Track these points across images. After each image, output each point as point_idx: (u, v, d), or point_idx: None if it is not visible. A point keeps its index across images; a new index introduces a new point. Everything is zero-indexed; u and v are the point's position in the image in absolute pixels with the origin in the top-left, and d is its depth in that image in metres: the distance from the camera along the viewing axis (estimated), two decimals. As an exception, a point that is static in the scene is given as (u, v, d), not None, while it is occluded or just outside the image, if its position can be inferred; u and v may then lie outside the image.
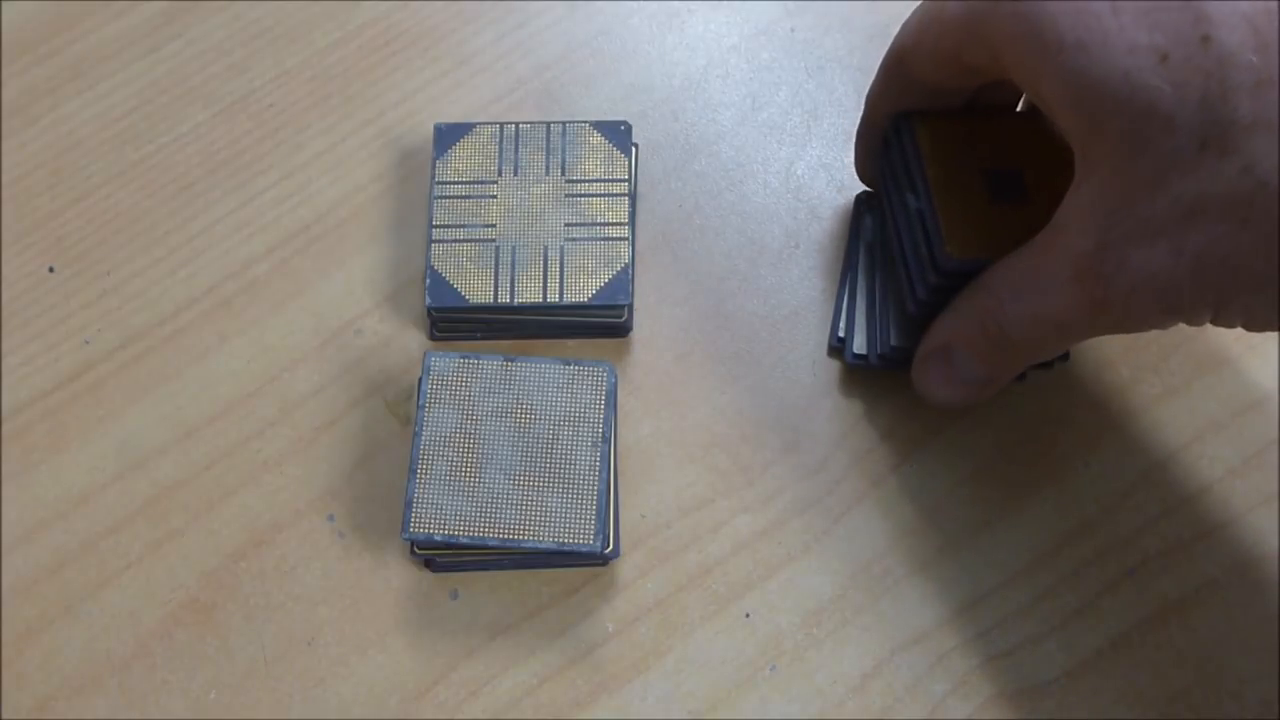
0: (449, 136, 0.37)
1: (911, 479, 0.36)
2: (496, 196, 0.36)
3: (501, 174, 0.37)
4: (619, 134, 0.37)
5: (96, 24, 0.42)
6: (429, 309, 0.35)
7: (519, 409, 0.33)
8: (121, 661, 0.34)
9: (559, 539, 0.32)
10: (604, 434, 0.33)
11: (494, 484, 0.32)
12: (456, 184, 0.36)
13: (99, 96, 0.41)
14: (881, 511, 0.35)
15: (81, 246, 0.39)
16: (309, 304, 0.38)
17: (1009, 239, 0.31)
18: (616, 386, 0.34)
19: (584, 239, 0.36)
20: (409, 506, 0.32)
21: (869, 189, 0.38)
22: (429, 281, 0.35)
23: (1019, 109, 0.35)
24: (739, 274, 0.38)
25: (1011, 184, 0.32)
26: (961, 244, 0.32)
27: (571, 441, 0.32)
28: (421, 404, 0.33)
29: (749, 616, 0.34)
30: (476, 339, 0.37)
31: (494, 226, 0.36)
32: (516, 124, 0.37)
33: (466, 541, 0.32)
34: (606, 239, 0.36)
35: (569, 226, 0.36)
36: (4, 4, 0.42)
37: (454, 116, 0.40)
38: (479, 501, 0.32)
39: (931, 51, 0.31)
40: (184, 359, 0.37)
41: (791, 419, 0.36)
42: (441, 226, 0.36)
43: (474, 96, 0.41)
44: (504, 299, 0.35)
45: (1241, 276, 0.25)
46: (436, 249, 0.36)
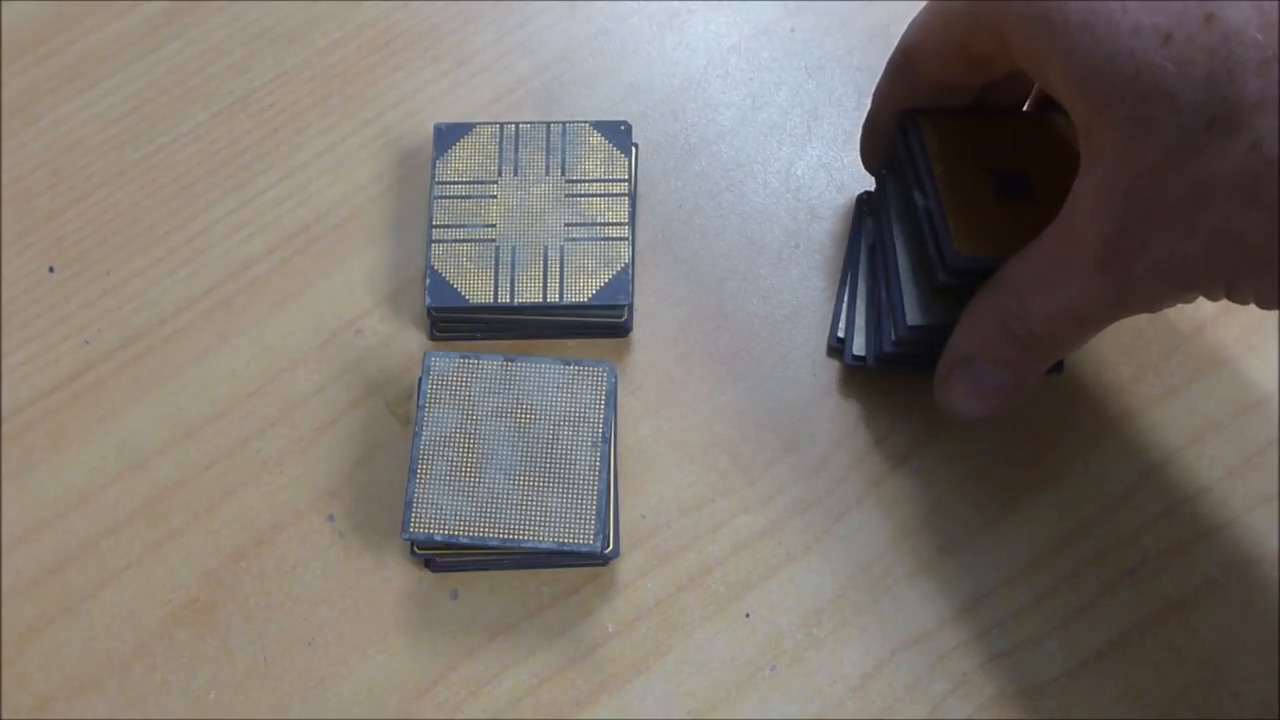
0: (449, 136, 0.37)
1: (911, 479, 0.36)
2: (496, 196, 0.36)
3: (501, 174, 0.37)
4: (619, 134, 0.37)
5: (96, 24, 0.42)
6: (429, 309, 0.35)
7: (519, 409, 0.33)
8: (121, 661, 0.34)
9: (559, 539, 0.32)
10: (604, 434, 0.33)
11: (494, 484, 0.32)
12: (456, 184, 0.36)
13: (99, 96, 0.41)
14: (881, 511, 0.35)
15: (81, 246, 0.39)
16: (309, 304, 0.38)
17: (1017, 238, 0.30)
18: (616, 386, 0.34)
19: (584, 239, 0.36)
20: (409, 506, 0.32)
21: (869, 191, 0.38)
22: (429, 281, 0.35)
23: (1025, 109, 0.35)
24: (739, 274, 0.38)
25: (1018, 184, 0.32)
26: (970, 241, 0.32)
27: (571, 441, 0.32)
28: (421, 404, 0.33)
29: (749, 616, 0.34)
30: (476, 339, 0.37)
31: (494, 226, 0.36)
32: (516, 124, 0.37)
33: (466, 541, 0.32)
34: (606, 239, 0.36)
35: (569, 226, 0.36)
36: (4, 4, 0.42)
37: (454, 116, 0.40)
38: (479, 501, 0.32)
39: (939, 45, 0.31)
40: (184, 359, 0.37)
41: (791, 419, 0.36)
42: (441, 226, 0.36)
43: (474, 96, 0.41)
44: (504, 299, 0.35)
45: (1250, 255, 0.25)
46: (436, 249, 0.36)
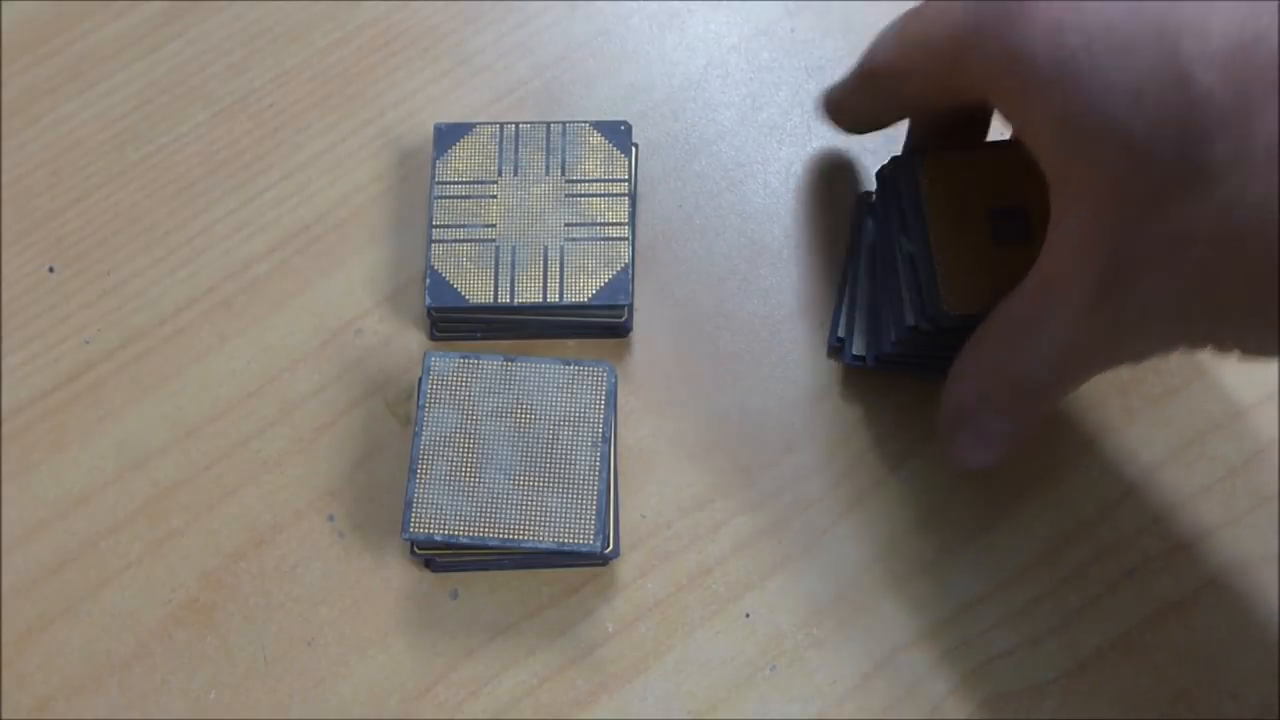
0: (449, 136, 0.37)
1: (912, 479, 0.36)
2: (496, 196, 0.36)
3: (501, 174, 0.37)
4: (619, 134, 0.37)
5: (96, 24, 0.42)
6: (429, 309, 0.35)
7: (519, 409, 0.33)
8: (121, 661, 0.34)
9: (559, 539, 0.32)
10: (604, 434, 0.33)
11: (494, 484, 0.32)
12: (456, 184, 0.36)
13: (99, 96, 0.41)
14: (881, 511, 0.35)
15: (81, 246, 0.39)
16: (309, 304, 0.38)
17: (1011, 283, 0.30)
18: (616, 386, 0.34)
19: (584, 239, 0.36)
20: (409, 506, 0.32)
21: (869, 190, 0.38)
22: (429, 281, 0.35)
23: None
24: (739, 274, 0.38)
25: (1016, 223, 0.32)
26: (961, 297, 0.31)
27: (571, 441, 0.32)
28: (421, 404, 0.33)
29: (749, 616, 0.34)
30: (476, 339, 0.37)
31: (494, 226, 0.36)
32: (516, 124, 0.37)
33: (466, 541, 0.32)
34: (606, 239, 0.36)
35: (569, 226, 0.36)
36: (4, 4, 0.42)
37: (454, 116, 0.40)
38: (479, 501, 0.32)
39: (921, 75, 0.31)
40: (184, 359, 0.37)
41: (791, 419, 0.36)
42: (441, 226, 0.36)
43: (474, 96, 0.41)
44: (504, 299, 0.35)
45: (1229, 307, 0.25)
46: (436, 249, 0.36)
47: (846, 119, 0.36)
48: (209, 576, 0.35)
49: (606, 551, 0.32)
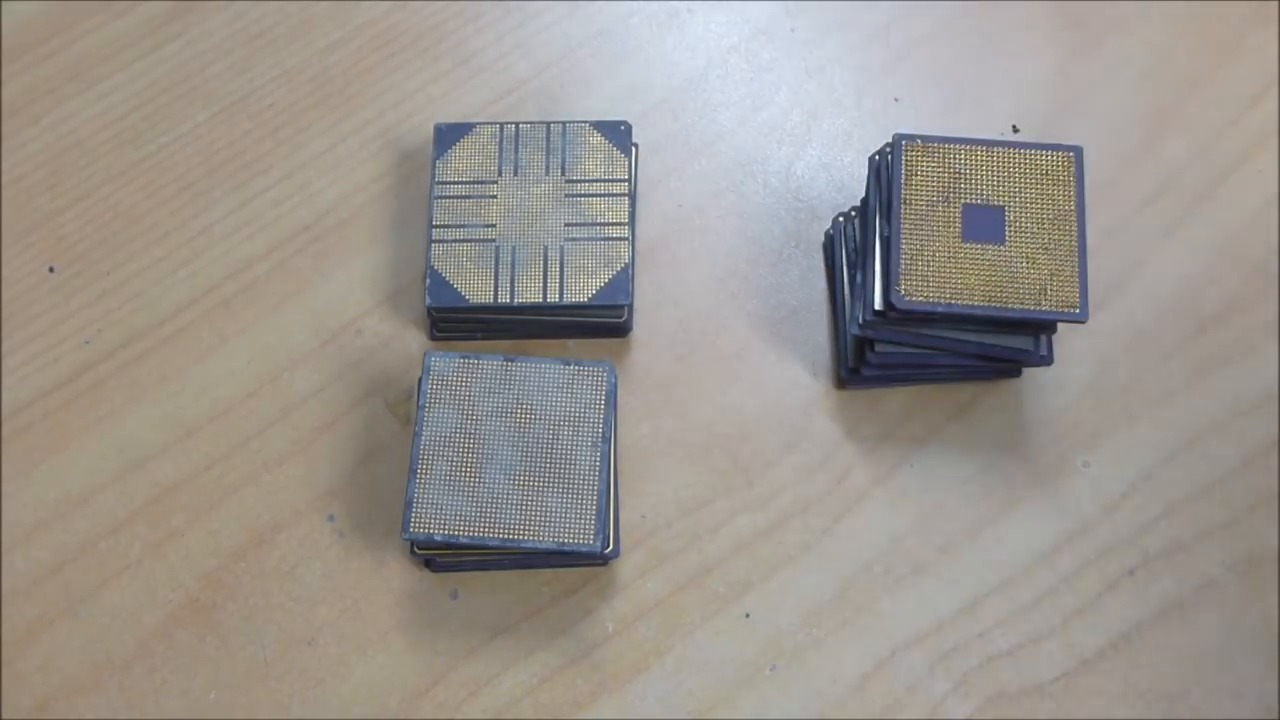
0: (449, 136, 0.37)
1: (912, 479, 0.36)
2: (496, 196, 0.36)
3: (501, 174, 0.37)
4: (619, 134, 0.37)
5: (96, 24, 0.42)
6: (429, 309, 0.35)
7: (519, 409, 0.33)
8: (121, 661, 0.34)
9: (559, 539, 0.32)
10: (604, 434, 0.33)
11: (494, 484, 0.32)
12: (456, 184, 0.36)
13: (99, 96, 0.41)
14: (881, 512, 0.35)
15: (81, 246, 0.39)
16: (309, 304, 0.38)
17: (975, 281, 0.31)
18: (616, 386, 0.34)
19: (584, 239, 0.36)
20: (409, 506, 0.32)
21: (843, 213, 0.38)
22: (429, 281, 0.35)
23: (1013, 136, 0.35)
24: (739, 274, 0.38)
25: (991, 222, 0.32)
26: (918, 285, 0.32)
27: (571, 441, 0.32)
28: (421, 404, 0.33)
29: (749, 616, 0.34)
30: (476, 339, 0.37)
31: (494, 226, 0.36)
32: (516, 124, 0.37)
33: (466, 541, 0.32)
34: (606, 239, 0.36)
35: (569, 226, 0.36)
36: (4, 4, 0.42)
37: (454, 116, 0.40)
38: (479, 501, 0.32)
39: None
40: (184, 359, 0.37)
41: (791, 419, 0.36)
42: (441, 226, 0.36)
43: (474, 96, 0.41)
44: (504, 299, 0.35)
45: None
46: (436, 249, 0.36)
47: None
48: (209, 577, 0.35)
49: (606, 551, 0.32)
